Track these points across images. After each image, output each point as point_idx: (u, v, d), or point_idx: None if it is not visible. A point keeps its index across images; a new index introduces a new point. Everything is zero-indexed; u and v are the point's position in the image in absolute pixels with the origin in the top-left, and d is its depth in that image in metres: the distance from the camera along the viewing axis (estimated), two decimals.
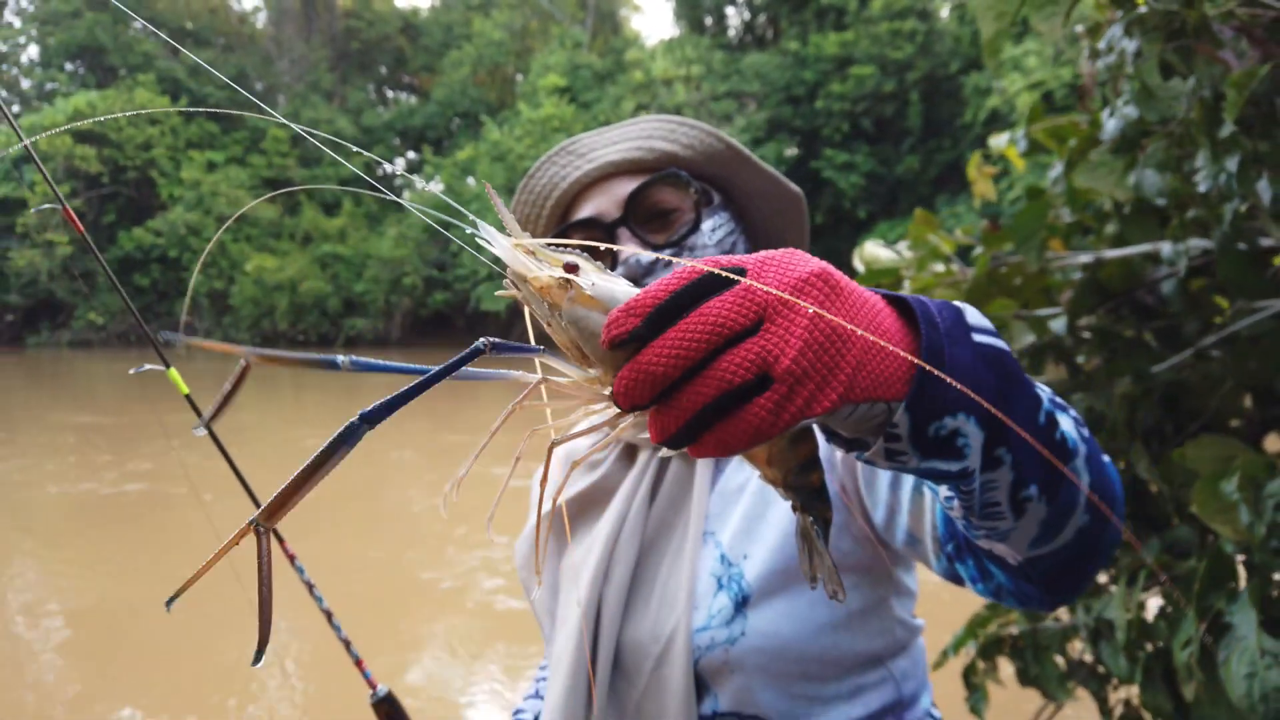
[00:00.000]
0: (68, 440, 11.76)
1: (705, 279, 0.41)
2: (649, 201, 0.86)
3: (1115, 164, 1.03)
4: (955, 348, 0.44)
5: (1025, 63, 19.85)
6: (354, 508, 7.37)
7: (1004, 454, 0.47)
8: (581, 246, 0.52)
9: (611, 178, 0.88)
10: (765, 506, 0.83)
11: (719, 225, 0.89)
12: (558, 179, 0.89)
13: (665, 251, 0.83)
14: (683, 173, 0.87)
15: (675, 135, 0.88)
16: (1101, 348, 1.31)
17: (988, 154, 1.52)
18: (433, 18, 38.48)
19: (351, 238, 30.56)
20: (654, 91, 24.08)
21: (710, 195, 0.90)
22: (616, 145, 0.88)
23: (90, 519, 7.67)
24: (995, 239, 1.31)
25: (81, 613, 5.52)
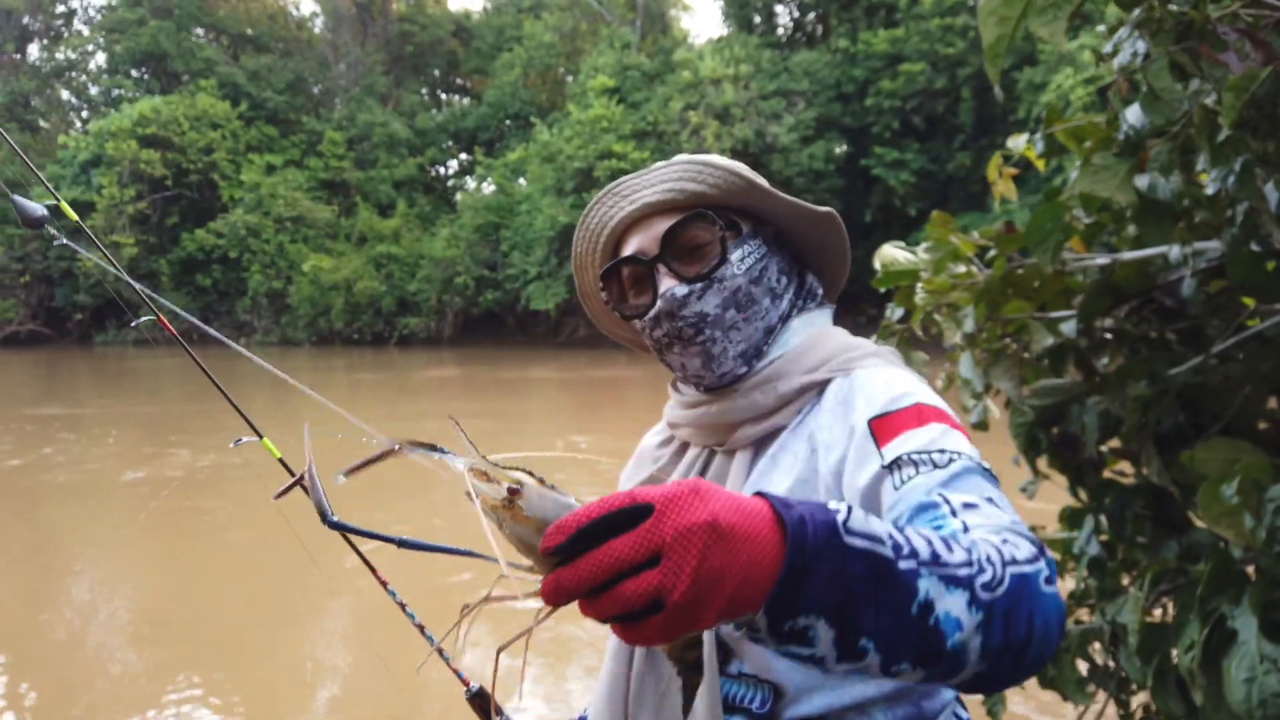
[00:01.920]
0: (131, 429, 12.22)
1: (620, 513, 0.54)
2: (682, 239, 0.97)
3: (1119, 167, 1.03)
4: (820, 564, 0.56)
5: (1080, 57, 19.36)
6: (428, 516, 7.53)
7: (866, 644, 0.58)
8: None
9: (650, 217, 1.00)
10: (782, 486, 0.92)
11: (748, 254, 0.99)
12: (606, 219, 1.03)
13: (697, 285, 0.96)
14: (709, 212, 0.97)
15: (703, 177, 0.97)
16: (1121, 350, 1.31)
17: (1008, 154, 1.51)
18: (484, 21, 38.94)
19: (405, 238, 31.10)
20: (702, 91, 24.03)
21: (739, 227, 1.00)
22: (654, 188, 0.99)
23: (159, 504, 7.95)
24: (1010, 241, 1.31)
25: (153, 595, 5.75)
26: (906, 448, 0.82)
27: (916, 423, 0.84)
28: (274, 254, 31.34)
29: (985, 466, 0.81)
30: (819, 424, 0.94)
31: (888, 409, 0.87)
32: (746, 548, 0.55)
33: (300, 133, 34.98)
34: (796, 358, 0.98)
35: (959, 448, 0.81)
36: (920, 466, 0.80)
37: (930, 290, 1.34)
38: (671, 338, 0.99)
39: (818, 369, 0.97)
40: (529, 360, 23.30)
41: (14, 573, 6.20)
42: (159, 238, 32.58)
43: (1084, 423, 1.22)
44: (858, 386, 0.93)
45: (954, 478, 0.78)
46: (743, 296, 0.98)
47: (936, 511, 0.74)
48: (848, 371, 0.96)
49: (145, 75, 35.64)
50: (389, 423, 12.98)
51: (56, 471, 9.55)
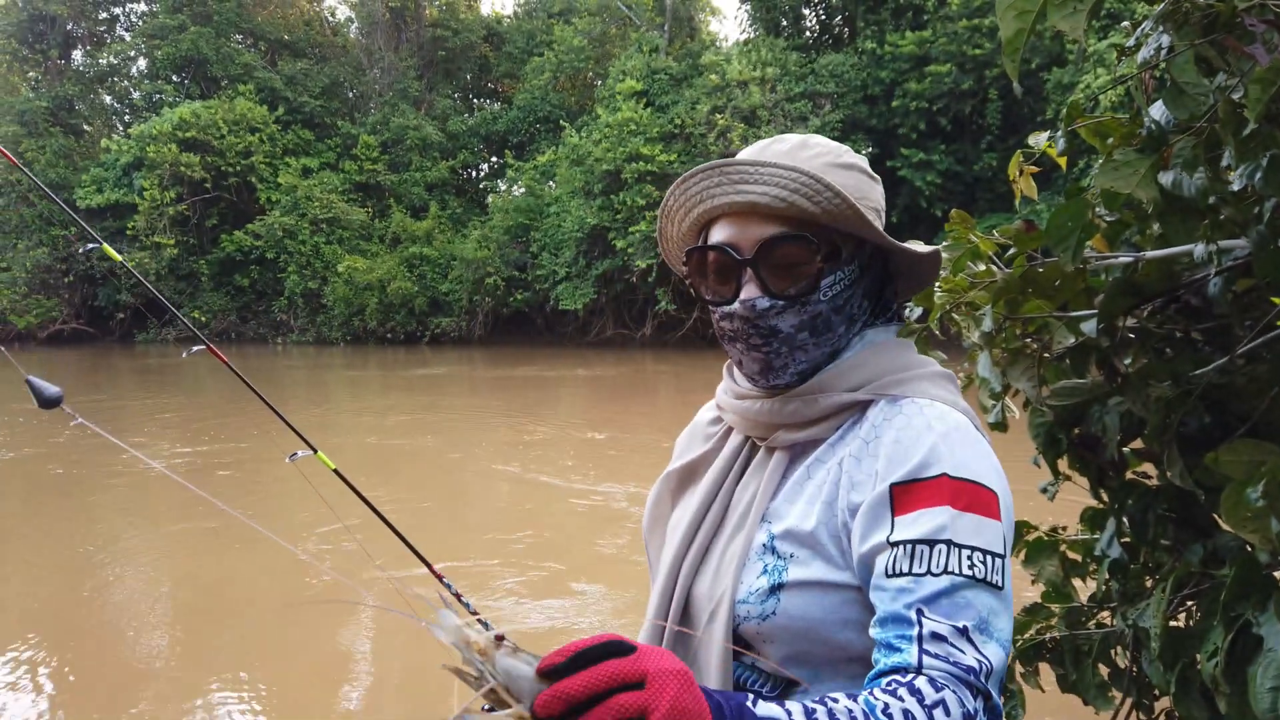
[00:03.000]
0: (171, 425, 12.46)
1: (610, 645, 0.63)
2: (778, 253, 0.95)
3: (1140, 163, 1.00)
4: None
5: (1109, 57, 19.08)
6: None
7: None
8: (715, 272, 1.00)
9: (751, 214, 0.96)
10: (810, 513, 0.94)
11: (837, 281, 0.98)
12: (706, 195, 0.99)
13: (779, 303, 0.95)
14: (813, 239, 0.95)
15: (817, 198, 0.93)
16: (1145, 350, 1.28)
17: (1029, 152, 1.49)
18: (515, 26, 39.19)
19: (437, 240, 31.38)
20: (729, 94, 23.97)
21: (839, 252, 0.98)
22: (764, 185, 0.94)
23: (196, 499, 8.10)
24: (1030, 239, 1.29)
25: (190, 586, 5.85)
26: (913, 533, 0.83)
27: (935, 500, 0.84)
28: (310, 255, 31.78)
29: (989, 562, 0.82)
30: (851, 451, 0.94)
31: (913, 476, 0.87)
32: (700, 702, 0.64)
33: (335, 136, 35.45)
34: (843, 373, 0.98)
35: (966, 541, 0.82)
36: (915, 564, 0.82)
37: (948, 289, 1.33)
38: (738, 335, 0.99)
39: (860, 388, 0.97)
40: (557, 359, 23.41)
41: (53, 558, 6.35)
42: (198, 239, 33.19)
43: (1105, 423, 1.20)
44: (894, 425, 0.92)
45: (939, 594, 0.80)
46: (821, 322, 0.97)
47: (907, 630, 0.79)
48: (894, 398, 0.95)
49: (185, 80, 36.32)
50: (427, 415, 13.13)
51: (96, 464, 9.77)
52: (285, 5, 39.24)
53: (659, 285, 25.16)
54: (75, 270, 34.03)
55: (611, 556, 6.28)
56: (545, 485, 8.58)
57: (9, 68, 36.06)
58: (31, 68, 36.75)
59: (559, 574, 5.90)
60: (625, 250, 24.76)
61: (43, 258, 33.40)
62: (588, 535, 6.87)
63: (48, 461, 10.33)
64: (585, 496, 8.07)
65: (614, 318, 27.84)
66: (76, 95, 36.75)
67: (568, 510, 7.66)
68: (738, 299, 0.97)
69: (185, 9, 35.96)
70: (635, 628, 1.08)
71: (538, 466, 9.46)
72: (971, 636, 0.78)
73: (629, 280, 25.77)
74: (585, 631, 4.94)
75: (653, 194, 24.54)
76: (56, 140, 34.79)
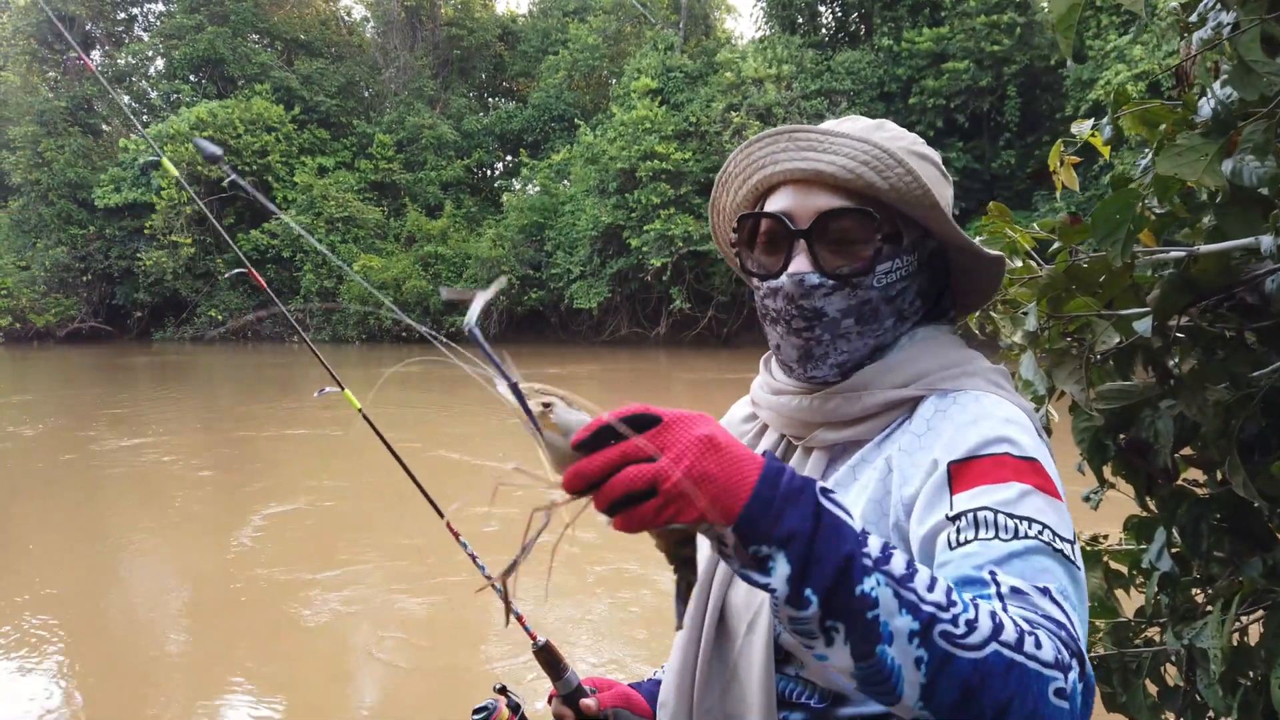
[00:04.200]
0: (188, 420, 12.51)
1: (636, 417, 0.63)
2: (836, 226, 0.90)
3: (1206, 148, 0.93)
4: (790, 507, 0.62)
5: (1130, 52, 18.85)
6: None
7: (811, 595, 0.62)
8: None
9: (814, 184, 0.91)
10: (857, 510, 0.88)
11: (893, 269, 0.92)
12: (770, 160, 0.94)
13: (829, 281, 0.90)
14: (877, 215, 0.89)
15: (887, 173, 0.88)
16: (1196, 350, 1.21)
17: (1071, 141, 1.42)
18: (530, 24, 39.19)
19: (452, 238, 31.43)
20: (745, 91, 23.85)
21: (901, 236, 0.93)
22: (831, 155, 0.89)
23: (216, 496, 8.11)
24: (1075, 233, 1.22)
25: (203, 582, 5.84)
26: (977, 504, 0.76)
27: (997, 476, 0.78)
28: (322, 256, 31.91)
29: (1062, 541, 0.74)
30: (901, 445, 0.87)
31: (973, 453, 0.80)
32: (733, 465, 0.62)
33: (351, 136, 35.57)
34: (891, 369, 0.92)
35: (1036, 515, 0.75)
36: (982, 530, 0.74)
37: None
38: (779, 316, 0.93)
39: (909, 384, 0.90)
40: (571, 358, 23.40)
41: (74, 550, 6.36)
42: (215, 238, 33.36)
43: (1158, 429, 1.12)
44: (950, 416, 0.86)
45: (1014, 556, 0.72)
46: (869, 310, 0.91)
47: (983, 590, 0.70)
48: (944, 392, 0.89)
49: (202, 80, 36.55)
50: (427, 409, 13.12)
51: (118, 455, 9.81)
52: (301, 5, 39.40)
53: (674, 284, 25.07)
54: (94, 269, 34.31)
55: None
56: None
57: (29, 68, 36.39)
58: (51, 68, 37.07)
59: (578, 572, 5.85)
60: (640, 249, 24.69)
61: (61, 256, 33.69)
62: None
63: (61, 452, 10.39)
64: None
65: (628, 316, 27.77)
66: (95, 95, 37.04)
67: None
68: (785, 273, 0.91)
69: (202, 9, 36.17)
70: (661, 639, 1.03)
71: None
72: (1056, 599, 0.69)
73: (643, 279, 25.70)
74: (597, 627, 4.89)
75: (668, 192, 24.46)
76: (75, 140, 35.07)
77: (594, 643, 4.74)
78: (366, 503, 7.84)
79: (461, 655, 4.65)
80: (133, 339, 34.87)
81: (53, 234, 34.04)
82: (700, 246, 23.68)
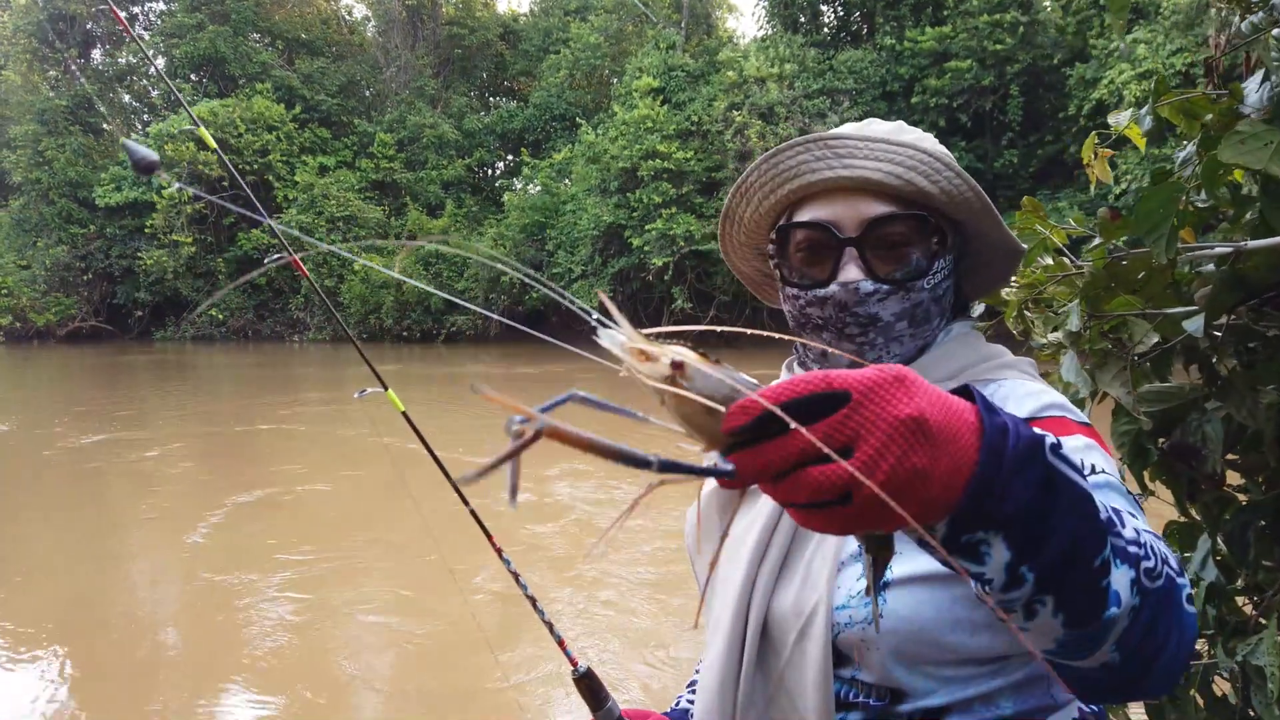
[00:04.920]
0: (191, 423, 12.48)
1: (814, 398, 0.49)
2: (888, 233, 0.89)
3: (1270, 135, 0.90)
4: (1016, 480, 0.52)
5: (1134, 51, 18.81)
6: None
7: (1028, 573, 0.54)
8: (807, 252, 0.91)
9: (856, 192, 0.89)
10: None
11: (939, 270, 0.92)
12: (805, 169, 0.90)
13: (884, 287, 0.88)
14: (930, 219, 0.89)
15: (937, 177, 0.88)
16: (1241, 350, 1.17)
17: (1104, 133, 1.38)
18: (531, 24, 39.15)
19: (453, 238, 31.40)
20: (746, 91, 23.81)
21: (947, 238, 0.92)
22: (877, 161, 0.88)
23: (214, 497, 8.07)
24: (1116, 229, 1.19)
25: (205, 586, 5.81)
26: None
27: (1063, 429, 0.80)
28: (326, 253, 31.83)
29: (1128, 490, 0.76)
30: None
31: (1033, 415, 0.83)
32: (948, 447, 0.50)
33: (352, 135, 35.54)
34: (931, 364, 0.92)
35: (1102, 465, 0.77)
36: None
37: (1024, 284, 1.23)
38: (829, 324, 0.91)
39: (952, 378, 0.91)
40: (572, 358, 23.27)
41: (72, 549, 6.33)
42: (216, 237, 33.36)
43: (1206, 432, 1.09)
44: (998, 398, 0.87)
45: (1096, 489, 0.70)
46: (921, 312, 0.91)
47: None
48: (986, 381, 0.91)
49: (203, 79, 36.52)
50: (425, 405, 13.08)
51: (120, 456, 9.78)
52: (303, 4, 39.38)
53: (675, 284, 25.03)
54: (94, 268, 34.29)
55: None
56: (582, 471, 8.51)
57: (29, 67, 36.36)
58: (51, 66, 37.04)
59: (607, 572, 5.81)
60: (641, 248, 24.65)
61: (62, 256, 33.68)
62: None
63: (61, 453, 10.35)
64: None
65: (630, 316, 27.57)
66: (95, 94, 37.01)
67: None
68: (834, 281, 0.89)
69: (203, 8, 36.15)
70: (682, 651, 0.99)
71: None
72: (1143, 522, 0.69)
73: (645, 278, 25.67)
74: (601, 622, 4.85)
75: (669, 191, 24.42)
76: (76, 139, 35.05)
77: (616, 652, 4.67)
78: (377, 500, 7.81)
79: (472, 657, 4.62)
80: (133, 338, 34.84)
81: (53, 233, 34.02)
82: (702, 246, 23.64)
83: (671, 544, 6.13)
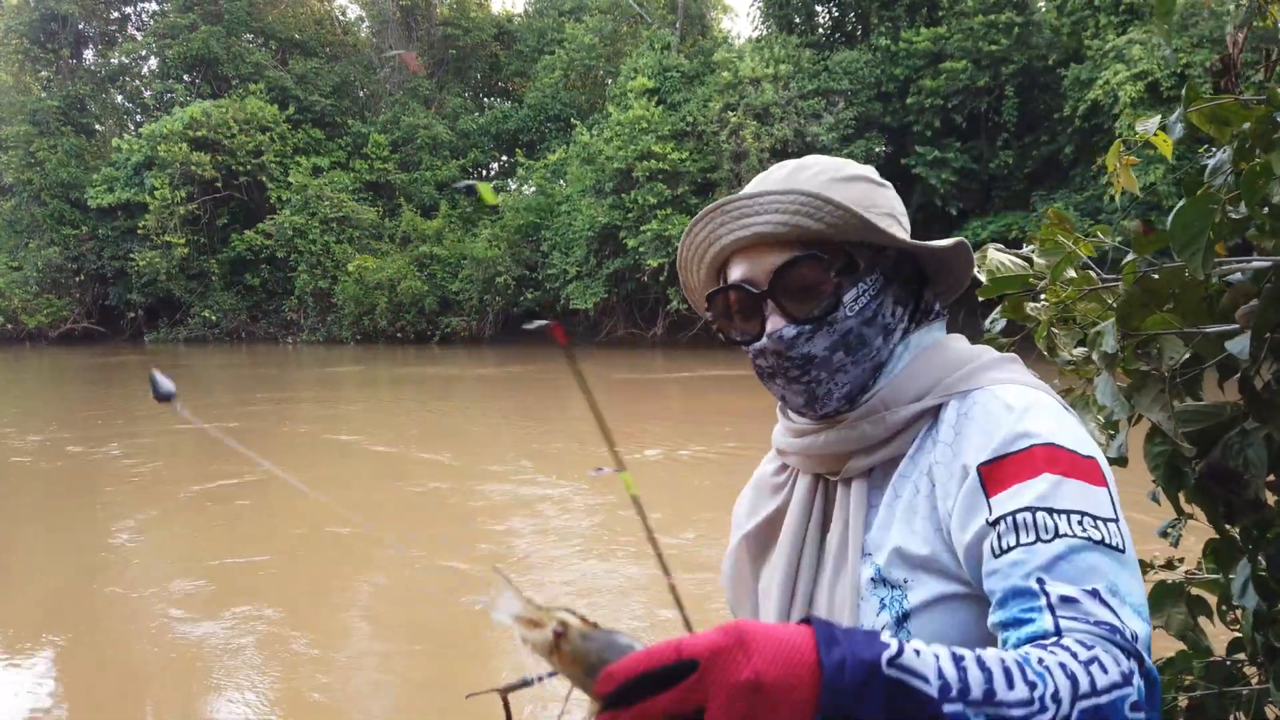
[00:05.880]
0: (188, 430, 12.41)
1: (666, 670, 0.57)
2: (793, 278, 0.94)
3: None
4: (857, 705, 0.59)
5: (1129, 53, 18.83)
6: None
7: None
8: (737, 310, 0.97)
9: (760, 246, 0.95)
10: (911, 532, 0.88)
11: (862, 293, 0.95)
12: (714, 238, 0.98)
13: (805, 327, 0.93)
14: (823, 255, 0.93)
15: (820, 214, 0.92)
16: (1276, 367, 1.14)
17: (1129, 140, 1.34)
18: (526, 24, 39.06)
19: (448, 239, 31.29)
20: (742, 91, 23.78)
21: (856, 264, 0.95)
22: (766, 215, 0.93)
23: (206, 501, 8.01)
24: (1150, 242, 1.15)
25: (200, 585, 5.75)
26: (1013, 505, 0.78)
27: (1030, 472, 0.79)
28: (320, 254, 31.75)
29: (1102, 526, 0.75)
30: (937, 458, 0.88)
31: (1001, 451, 0.82)
32: (791, 699, 0.58)
33: (346, 135, 35.40)
34: (903, 384, 0.94)
35: (1072, 505, 0.76)
36: (1022, 534, 0.76)
37: (1054, 301, 1.19)
38: (775, 372, 0.96)
39: (926, 394, 0.92)
40: (566, 357, 23.22)
41: (68, 555, 6.26)
42: (209, 238, 33.20)
43: (1248, 456, 1.05)
44: (972, 418, 0.87)
45: (1058, 559, 0.73)
46: (853, 338, 0.94)
47: (1032, 602, 0.72)
48: (964, 393, 0.90)
49: (196, 79, 36.34)
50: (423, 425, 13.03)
51: (120, 459, 9.70)
52: (296, 4, 39.23)
53: (670, 284, 24.99)
54: (86, 269, 34.10)
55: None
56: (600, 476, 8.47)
57: (21, 67, 36.17)
58: (43, 67, 36.83)
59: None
60: (636, 249, 24.61)
61: (54, 257, 33.48)
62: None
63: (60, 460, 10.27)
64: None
65: (625, 317, 27.69)
66: (88, 95, 36.82)
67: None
68: (765, 334, 0.95)
69: (196, 8, 35.97)
70: None
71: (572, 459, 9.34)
72: (1105, 600, 0.71)
73: (640, 279, 25.63)
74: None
75: (664, 192, 24.38)
76: (68, 139, 34.85)
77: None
78: (375, 511, 7.76)
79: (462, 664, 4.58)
80: (125, 340, 34.65)
81: (45, 234, 33.82)
82: None
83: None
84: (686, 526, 6.88)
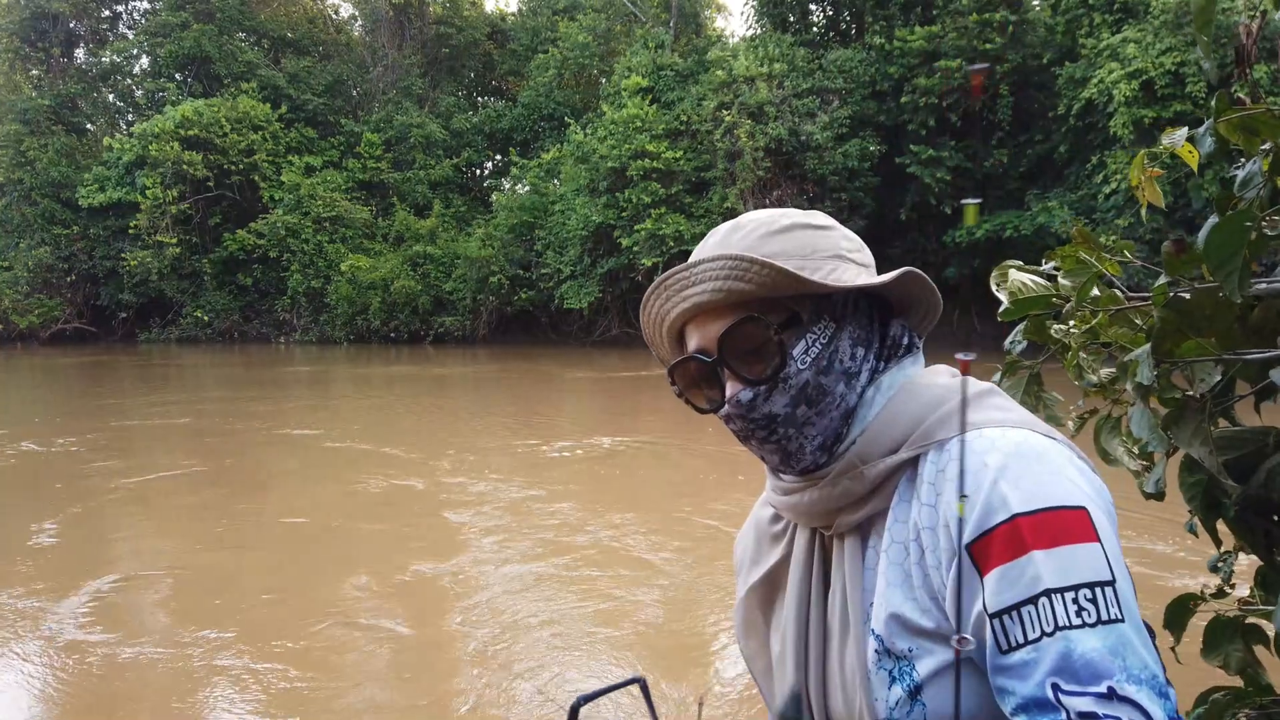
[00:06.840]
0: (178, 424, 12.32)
1: None
2: (737, 342, 0.94)
3: None
4: None
5: (1124, 51, 18.84)
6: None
7: None
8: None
9: (704, 315, 0.97)
10: (905, 600, 0.87)
11: (811, 344, 0.94)
12: (662, 313, 1.00)
13: (761, 388, 0.93)
14: (758, 316, 0.93)
15: (748, 275, 0.92)
16: None
17: (1154, 153, 1.30)
18: (519, 23, 38.94)
19: (441, 238, 31.20)
20: (736, 90, 23.73)
21: (799, 317, 0.95)
22: (701, 285, 0.94)
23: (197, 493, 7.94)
24: (1184, 263, 1.11)
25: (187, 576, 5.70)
26: (1008, 598, 0.77)
27: (1015, 549, 0.78)
28: (313, 254, 31.62)
29: (1101, 594, 0.75)
30: (922, 522, 0.87)
31: (983, 528, 0.80)
32: None
33: (339, 134, 35.27)
34: (877, 436, 0.92)
35: (1066, 581, 0.76)
36: (1027, 630, 0.76)
37: (1083, 326, 1.14)
38: (746, 435, 0.97)
39: (900, 446, 0.90)
40: (562, 359, 23.24)
41: (70, 562, 6.20)
42: (201, 238, 33.04)
43: None
44: (950, 477, 0.85)
45: (1065, 658, 0.74)
46: (812, 391, 0.93)
47: (1055, 715, 0.73)
48: (940, 443, 0.88)
49: (188, 78, 36.14)
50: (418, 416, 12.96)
51: (117, 458, 9.62)
52: (288, 2, 39.07)
53: None
54: (78, 269, 33.91)
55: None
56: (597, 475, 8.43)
57: (11, 66, 35.93)
58: (34, 66, 36.59)
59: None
60: (630, 248, 24.56)
61: (45, 257, 33.28)
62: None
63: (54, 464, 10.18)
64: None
65: (619, 316, 27.61)
66: (79, 94, 36.60)
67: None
68: (726, 401, 0.96)
69: (188, 6, 35.78)
70: None
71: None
72: (1119, 692, 0.72)
73: (634, 279, 25.57)
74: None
75: (659, 191, 24.34)
76: (59, 139, 34.64)
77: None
78: (360, 522, 7.70)
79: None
80: (117, 340, 34.46)
81: (36, 234, 33.61)
82: (691, 246, 23.43)
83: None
84: (707, 515, 7.59)
